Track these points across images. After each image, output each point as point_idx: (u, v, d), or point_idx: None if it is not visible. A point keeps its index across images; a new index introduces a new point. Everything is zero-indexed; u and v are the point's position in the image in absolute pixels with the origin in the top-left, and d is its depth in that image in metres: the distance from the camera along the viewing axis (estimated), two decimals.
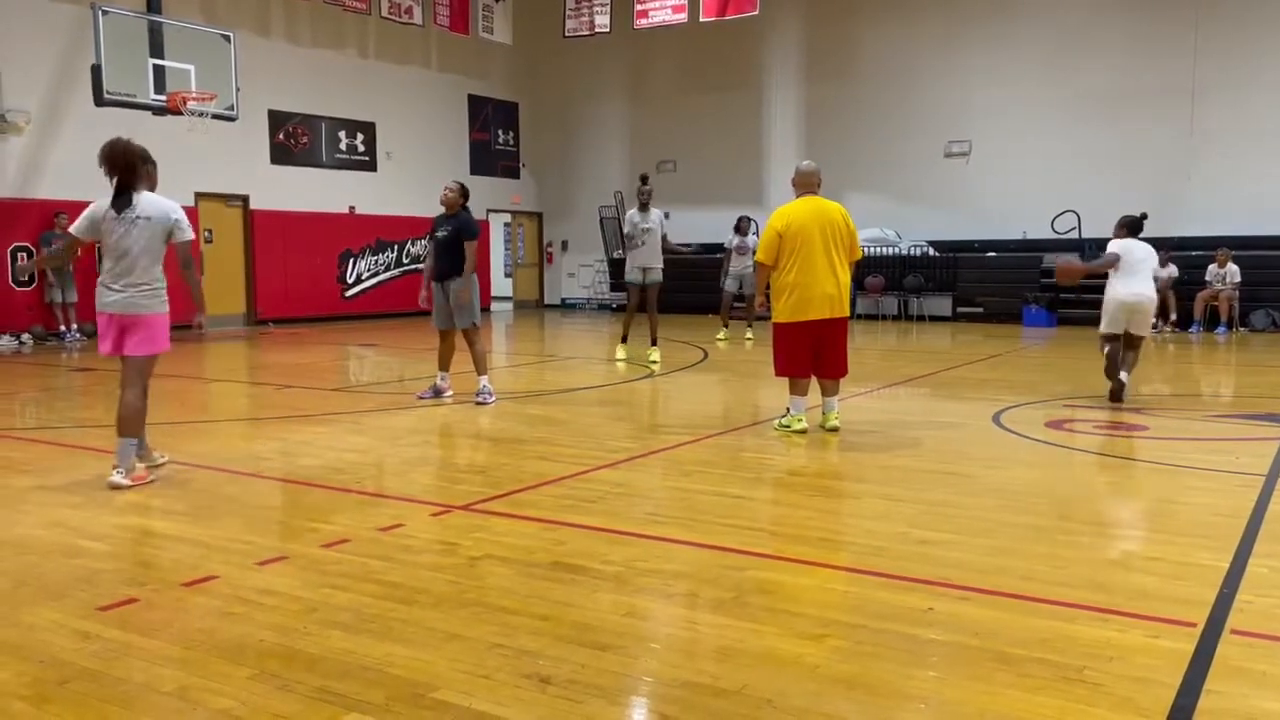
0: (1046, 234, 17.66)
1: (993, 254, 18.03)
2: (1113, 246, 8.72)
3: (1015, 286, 17.35)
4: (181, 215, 5.36)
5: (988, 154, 18.34)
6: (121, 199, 5.22)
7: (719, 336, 13.97)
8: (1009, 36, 17.97)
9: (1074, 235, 17.29)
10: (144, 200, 5.27)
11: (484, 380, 8.19)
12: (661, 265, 11.25)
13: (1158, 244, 15.72)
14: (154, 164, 5.46)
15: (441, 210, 8.21)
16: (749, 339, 13.77)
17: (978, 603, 3.45)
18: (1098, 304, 8.67)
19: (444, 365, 8.37)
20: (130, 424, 5.28)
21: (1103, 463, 6.03)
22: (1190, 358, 12.55)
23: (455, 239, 7.98)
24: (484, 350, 8.26)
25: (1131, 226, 8.96)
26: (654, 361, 10.93)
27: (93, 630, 3.24)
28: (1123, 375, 8.08)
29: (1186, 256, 15.87)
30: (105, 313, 5.26)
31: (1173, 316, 15.52)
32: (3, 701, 2.71)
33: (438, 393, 8.34)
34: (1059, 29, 17.53)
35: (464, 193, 8.26)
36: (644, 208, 11.13)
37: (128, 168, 5.21)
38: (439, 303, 8.23)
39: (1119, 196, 16.88)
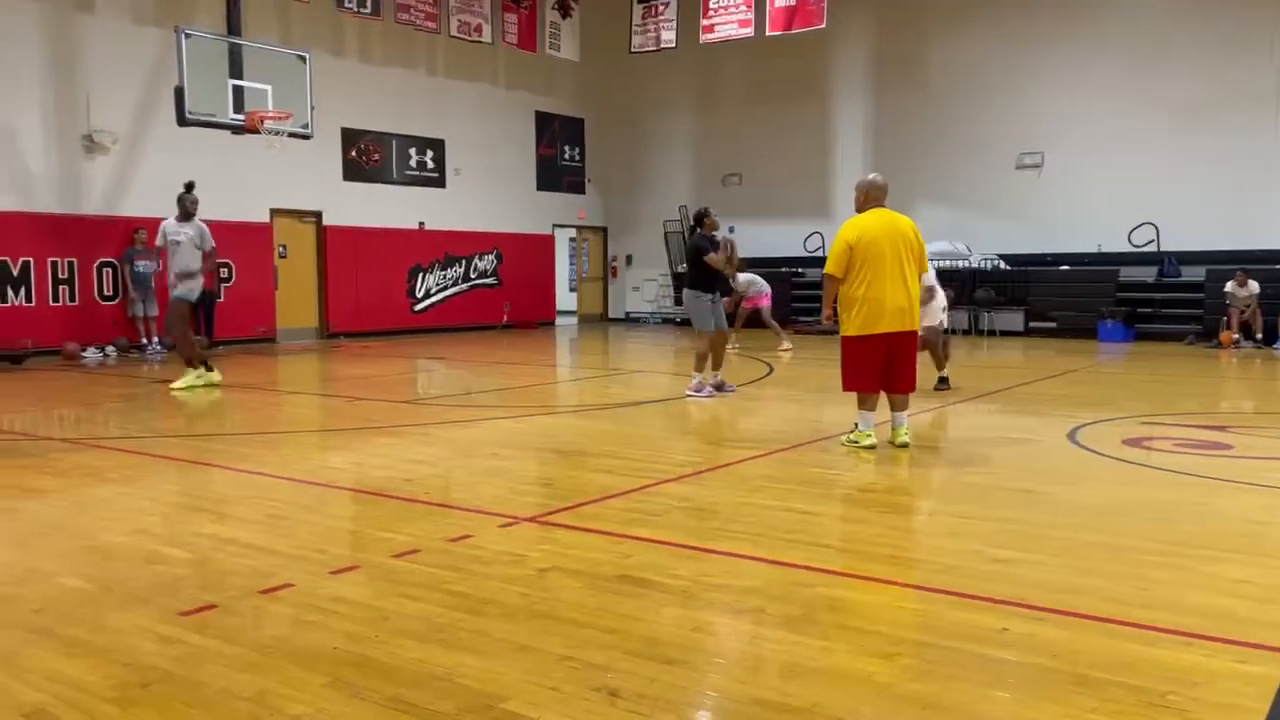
0: (1123, 247, 17.24)
1: (1066, 267, 17.64)
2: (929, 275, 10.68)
3: (1090, 300, 16.93)
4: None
5: (1060, 165, 17.94)
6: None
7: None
8: (1082, 45, 17.60)
9: (1152, 248, 16.86)
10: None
11: (697, 378, 9.32)
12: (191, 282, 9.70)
13: (1240, 258, 15.39)
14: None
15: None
16: None
17: (1055, 623, 3.37)
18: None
19: (713, 365, 9.56)
20: None
21: (1184, 482, 5.85)
22: (1275, 375, 12.13)
23: (691, 255, 9.47)
24: (703, 351, 9.40)
25: None
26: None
27: (174, 635, 3.32)
28: None
29: (1270, 270, 15.35)
30: None
31: (1258, 335, 15.01)
32: (91, 703, 2.80)
33: (718, 387, 9.50)
34: (1134, 37, 17.12)
35: (697, 214, 9.55)
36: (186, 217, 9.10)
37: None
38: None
39: (1199, 207, 16.45)
